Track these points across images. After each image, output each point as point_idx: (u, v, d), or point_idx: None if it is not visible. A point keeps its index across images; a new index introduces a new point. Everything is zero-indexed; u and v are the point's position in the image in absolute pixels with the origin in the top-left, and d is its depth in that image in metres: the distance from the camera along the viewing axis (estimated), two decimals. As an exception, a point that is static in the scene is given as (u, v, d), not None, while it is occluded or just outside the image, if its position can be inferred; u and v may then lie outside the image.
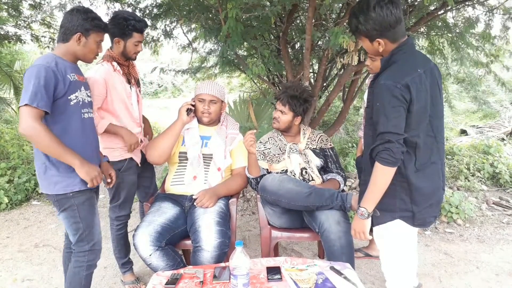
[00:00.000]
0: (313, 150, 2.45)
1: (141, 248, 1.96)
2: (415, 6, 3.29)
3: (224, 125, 2.42)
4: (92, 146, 1.92)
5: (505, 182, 4.33)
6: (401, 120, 1.45)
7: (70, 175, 1.77)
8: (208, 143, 2.34)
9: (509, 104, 8.24)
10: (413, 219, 1.59)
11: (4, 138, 5.33)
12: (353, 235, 1.66)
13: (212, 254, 1.94)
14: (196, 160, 2.28)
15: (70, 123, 1.77)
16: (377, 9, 1.45)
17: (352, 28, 1.56)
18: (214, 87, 2.31)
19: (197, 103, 2.32)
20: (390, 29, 1.48)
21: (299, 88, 2.41)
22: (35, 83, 1.62)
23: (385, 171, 1.46)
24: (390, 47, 1.53)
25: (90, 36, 1.80)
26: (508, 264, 2.78)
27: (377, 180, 1.49)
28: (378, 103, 1.47)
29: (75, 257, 1.90)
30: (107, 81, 2.16)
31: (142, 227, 2.04)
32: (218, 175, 2.31)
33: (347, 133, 6.43)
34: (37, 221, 3.77)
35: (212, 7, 3.58)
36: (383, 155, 1.44)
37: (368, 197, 1.54)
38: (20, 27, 5.57)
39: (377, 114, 1.48)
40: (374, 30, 1.48)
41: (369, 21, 1.47)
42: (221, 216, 2.11)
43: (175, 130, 2.26)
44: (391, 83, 1.44)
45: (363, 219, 1.56)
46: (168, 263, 1.97)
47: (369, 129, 1.59)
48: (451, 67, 4.55)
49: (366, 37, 1.54)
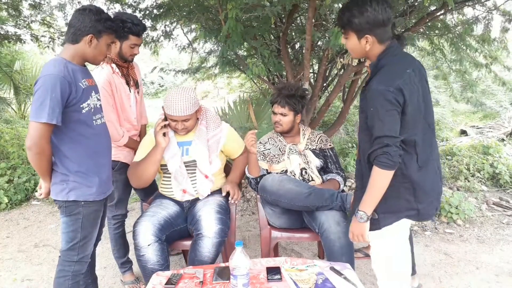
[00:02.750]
0: (313, 150, 2.45)
1: (141, 236, 1.96)
2: (415, 7, 3.29)
3: (203, 125, 2.23)
4: (105, 153, 1.87)
5: (505, 183, 4.33)
6: (396, 123, 1.46)
7: (88, 184, 1.75)
8: (189, 150, 2.21)
9: (508, 104, 8.23)
10: (418, 215, 1.60)
11: (4, 138, 5.32)
12: (351, 238, 1.65)
13: (212, 241, 1.96)
14: (179, 173, 2.19)
15: (82, 132, 1.73)
16: (373, 4, 1.47)
17: (343, 22, 1.56)
18: (184, 106, 2.04)
19: (169, 120, 2.11)
20: (381, 26, 1.50)
21: (292, 87, 2.40)
22: (52, 97, 1.56)
23: (383, 174, 1.47)
24: (376, 48, 1.55)
25: (102, 38, 1.72)
26: (508, 264, 2.78)
27: (376, 183, 1.49)
28: (372, 108, 1.48)
29: (61, 266, 1.81)
30: (111, 83, 2.18)
31: (146, 216, 2.06)
32: (207, 183, 2.24)
33: (347, 133, 6.42)
34: (37, 221, 3.76)
35: (212, 7, 3.58)
36: (381, 159, 1.45)
37: (367, 201, 1.53)
38: (19, 27, 5.57)
39: (372, 119, 1.49)
40: (367, 23, 1.49)
41: (364, 14, 1.48)
42: (220, 207, 2.14)
43: (156, 157, 2.11)
44: (384, 88, 1.45)
45: (362, 222, 1.56)
46: (160, 260, 1.95)
47: (365, 134, 1.59)
48: (451, 66, 4.55)
49: (356, 32, 1.54)
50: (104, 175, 1.84)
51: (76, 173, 1.73)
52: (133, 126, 2.41)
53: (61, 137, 1.69)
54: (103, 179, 1.83)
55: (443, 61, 4.63)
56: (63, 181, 1.72)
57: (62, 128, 1.66)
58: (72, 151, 1.72)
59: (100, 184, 1.80)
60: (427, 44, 4.45)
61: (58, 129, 1.65)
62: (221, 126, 2.31)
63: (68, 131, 1.69)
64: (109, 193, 1.92)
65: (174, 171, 2.19)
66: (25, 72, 7.76)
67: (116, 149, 2.27)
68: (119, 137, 2.26)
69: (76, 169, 1.73)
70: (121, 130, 2.27)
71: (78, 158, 1.73)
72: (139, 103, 2.47)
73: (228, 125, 2.38)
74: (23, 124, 6.81)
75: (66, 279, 1.80)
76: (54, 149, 1.70)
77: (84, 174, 1.75)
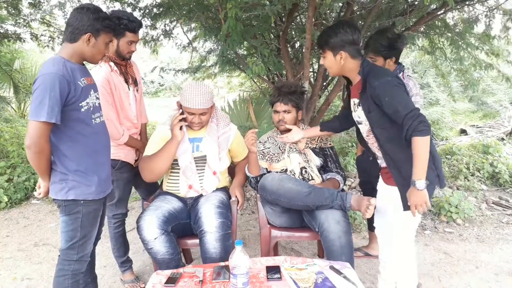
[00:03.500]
0: (313, 149, 2.45)
1: (146, 230, 1.96)
2: (415, 6, 3.29)
3: (213, 122, 2.30)
4: (104, 152, 1.87)
5: (505, 182, 4.33)
6: (410, 100, 1.76)
7: (87, 183, 1.75)
8: (200, 146, 2.25)
9: (508, 104, 8.24)
10: (439, 181, 1.83)
11: (4, 137, 5.32)
12: (414, 211, 1.72)
13: (215, 236, 1.97)
14: (188, 169, 2.21)
15: (81, 131, 1.73)
16: (345, 27, 1.82)
17: (321, 42, 1.87)
18: (203, 99, 2.10)
19: (187, 113, 2.15)
20: (352, 44, 1.82)
21: (292, 84, 2.43)
22: (51, 96, 1.55)
23: (425, 140, 1.64)
24: (350, 62, 1.85)
25: (100, 37, 1.71)
26: (507, 263, 2.78)
27: (421, 151, 1.65)
28: (387, 97, 1.71)
29: (60, 265, 1.81)
30: (110, 82, 2.17)
31: (150, 210, 2.06)
32: (214, 179, 2.27)
33: (346, 132, 6.41)
34: (37, 220, 3.77)
35: (212, 6, 3.58)
36: (420, 128, 1.63)
37: (419, 169, 1.67)
38: (19, 26, 5.56)
39: (391, 105, 1.70)
40: (341, 41, 1.81)
41: (338, 35, 1.81)
42: (221, 202, 2.15)
43: (171, 151, 2.13)
44: (385, 79, 1.74)
45: (422, 189, 1.67)
46: (169, 250, 1.99)
47: (382, 127, 1.80)
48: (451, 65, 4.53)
49: (332, 49, 1.84)
50: (103, 174, 1.84)
51: (75, 172, 1.73)
52: (133, 125, 2.40)
53: (60, 136, 1.69)
54: (102, 178, 1.83)
55: (443, 60, 4.62)
56: (62, 180, 1.72)
57: (61, 127, 1.65)
58: (71, 150, 1.71)
59: (99, 183, 1.80)
60: (427, 43, 4.44)
61: (57, 128, 1.65)
62: (230, 125, 2.37)
63: (67, 130, 1.68)
64: (108, 192, 1.92)
65: (184, 166, 2.21)
66: (24, 71, 7.76)
67: (117, 148, 2.27)
68: (119, 136, 2.25)
69: (75, 168, 1.72)
70: (121, 129, 2.26)
71: (77, 157, 1.73)
72: (139, 101, 2.47)
73: (236, 127, 2.42)
74: (22, 123, 6.81)
75: (66, 278, 1.79)
76: (53, 148, 1.69)
77: (83, 173, 1.74)
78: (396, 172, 1.81)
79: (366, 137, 1.97)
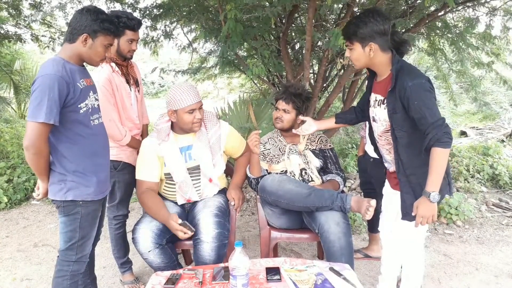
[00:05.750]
0: (313, 151, 2.45)
1: (141, 243, 1.97)
2: (415, 7, 3.30)
3: (202, 125, 2.21)
4: (103, 153, 1.87)
5: (505, 184, 4.33)
6: (437, 108, 1.65)
7: (86, 184, 1.75)
8: (192, 154, 2.18)
9: (508, 105, 8.24)
10: (450, 189, 1.80)
11: (4, 138, 5.32)
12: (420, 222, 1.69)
13: (211, 246, 1.95)
14: (184, 184, 2.17)
15: (79, 132, 1.72)
16: (375, 16, 1.67)
17: (349, 33, 1.73)
18: (195, 92, 2.08)
19: (185, 116, 2.07)
20: (383, 35, 1.69)
21: (299, 87, 2.43)
22: (50, 97, 1.55)
23: (446, 153, 1.60)
24: (379, 55, 1.72)
25: (97, 39, 1.69)
26: (507, 265, 2.78)
27: (440, 163, 1.61)
28: (416, 101, 1.62)
29: (59, 266, 1.81)
30: (111, 82, 2.17)
31: (144, 222, 2.04)
32: (212, 186, 2.24)
33: (346, 134, 6.42)
34: (37, 220, 3.76)
35: (212, 7, 3.58)
36: (444, 139, 1.58)
37: (434, 181, 1.62)
38: (20, 27, 5.57)
39: (419, 110, 1.62)
40: (372, 31, 1.67)
41: (368, 24, 1.67)
42: (220, 209, 2.11)
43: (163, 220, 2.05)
44: (419, 81, 1.63)
45: (434, 202, 1.63)
46: (164, 261, 2.00)
47: (404, 131, 1.72)
48: (451, 66, 4.53)
49: (361, 41, 1.71)
50: (102, 175, 1.84)
51: (74, 173, 1.72)
52: (135, 125, 2.40)
53: (58, 137, 1.69)
54: (101, 179, 1.82)
55: (443, 62, 4.62)
56: (61, 181, 1.72)
57: (59, 128, 1.65)
58: (69, 151, 1.71)
59: (98, 184, 1.80)
60: (427, 45, 4.44)
61: (56, 129, 1.65)
62: (219, 124, 2.28)
63: (65, 131, 1.68)
64: (107, 193, 1.91)
65: (179, 182, 2.17)
66: (25, 71, 7.76)
67: (119, 149, 2.26)
68: (122, 137, 2.24)
69: (74, 169, 1.72)
70: (123, 130, 2.25)
71: (75, 158, 1.73)
72: (140, 102, 2.47)
73: (227, 123, 2.36)
74: (22, 124, 6.81)
75: (65, 279, 1.79)
76: (52, 149, 1.69)
77: (82, 174, 1.74)
78: (404, 179, 1.76)
79: (379, 137, 1.90)
